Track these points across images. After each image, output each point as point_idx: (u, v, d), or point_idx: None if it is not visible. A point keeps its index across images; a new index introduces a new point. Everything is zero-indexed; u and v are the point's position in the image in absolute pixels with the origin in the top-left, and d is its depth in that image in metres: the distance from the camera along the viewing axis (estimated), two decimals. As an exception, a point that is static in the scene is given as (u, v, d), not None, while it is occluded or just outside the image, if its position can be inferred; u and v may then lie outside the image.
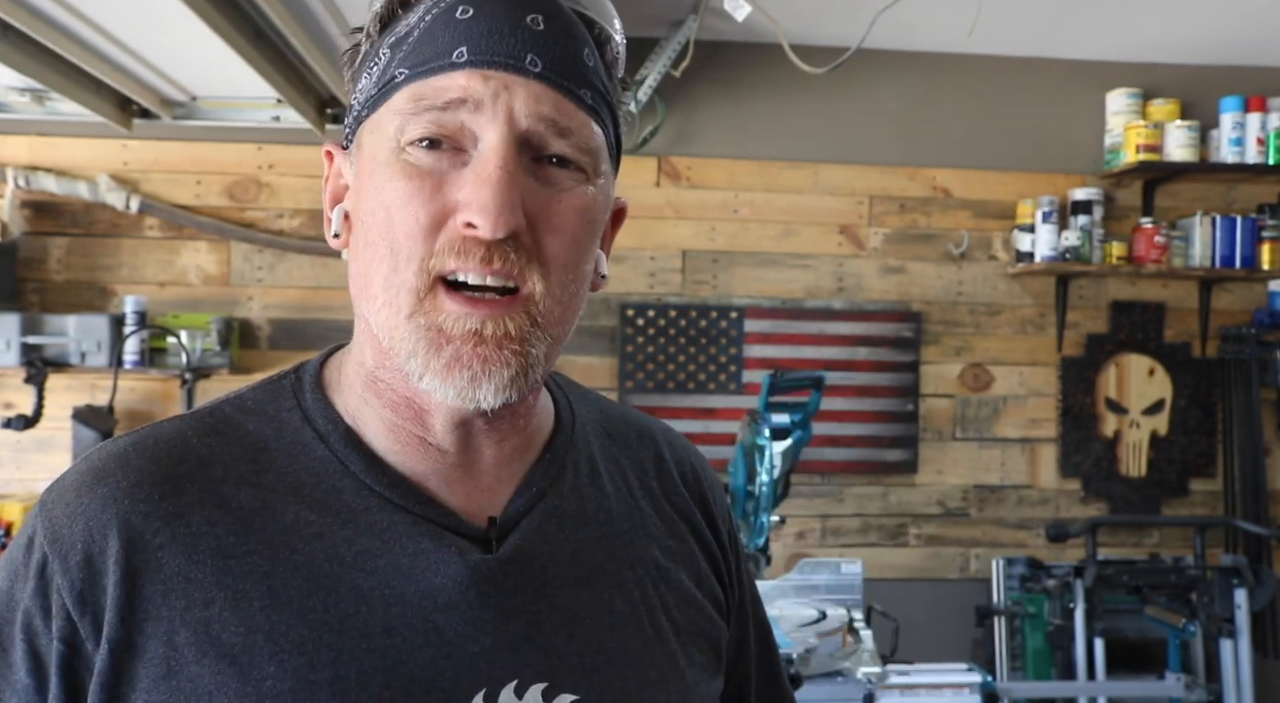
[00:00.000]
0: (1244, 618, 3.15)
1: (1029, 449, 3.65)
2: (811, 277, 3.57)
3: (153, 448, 0.66)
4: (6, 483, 3.28)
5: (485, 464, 0.69)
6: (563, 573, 0.68)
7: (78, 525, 0.63)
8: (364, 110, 0.66)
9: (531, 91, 0.62)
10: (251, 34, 2.43)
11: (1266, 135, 3.46)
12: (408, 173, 0.62)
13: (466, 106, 0.61)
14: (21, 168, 3.26)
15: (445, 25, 0.63)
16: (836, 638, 2.31)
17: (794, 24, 3.14)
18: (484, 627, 0.64)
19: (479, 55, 0.61)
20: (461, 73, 0.61)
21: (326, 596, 0.62)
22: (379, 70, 0.65)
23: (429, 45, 0.63)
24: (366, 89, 0.66)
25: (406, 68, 0.63)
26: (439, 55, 0.62)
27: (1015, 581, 3.52)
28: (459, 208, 0.61)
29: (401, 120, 0.62)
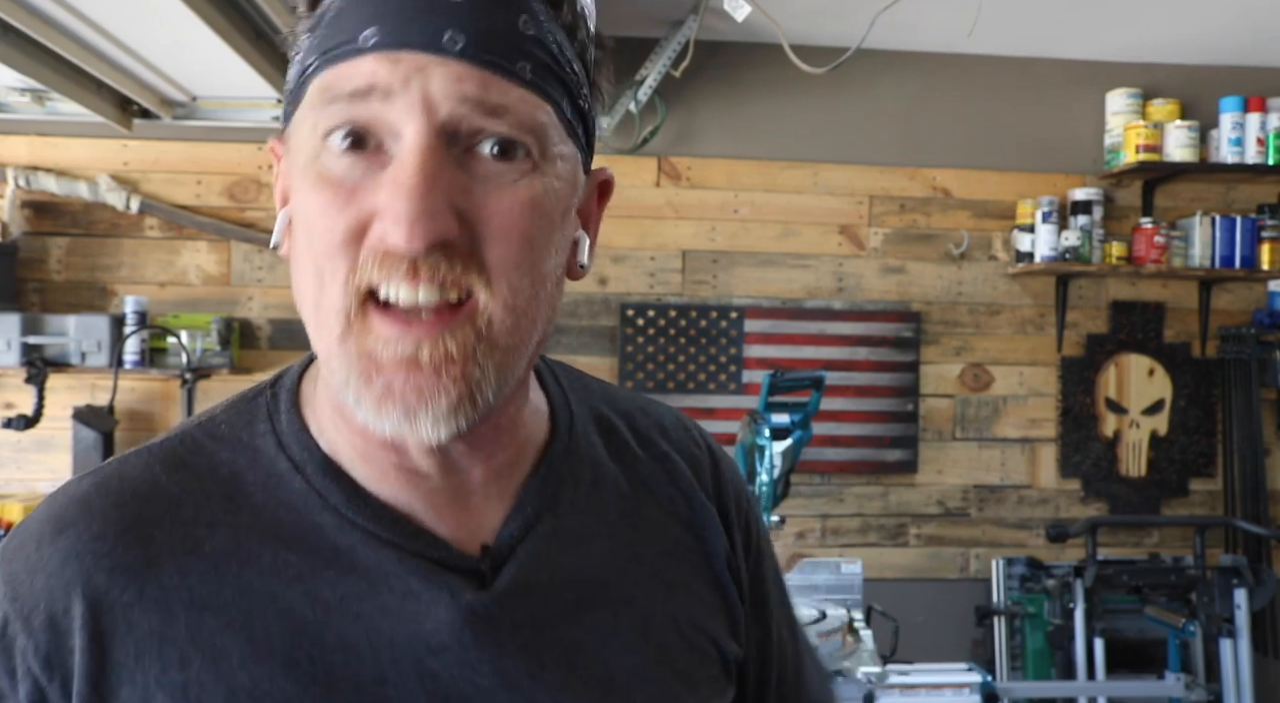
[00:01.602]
0: (1244, 618, 3.15)
1: (1029, 449, 3.65)
2: (811, 277, 3.57)
3: (117, 490, 0.60)
4: (7, 483, 3.28)
5: (473, 485, 0.63)
6: (564, 599, 0.63)
7: (39, 583, 0.57)
8: (289, 105, 0.59)
9: (450, 72, 0.53)
10: (251, 34, 2.43)
11: (1266, 135, 3.46)
12: (324, 180, 0.55)
13: (376, 95, 0.53)
14: (22, 168, 3.26)
15: (355, 5, 0.55)
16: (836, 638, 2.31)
17: (794, 24, 3.14)
18: (481, 669, 0.59)
19: (389, 37, 0.53)
20: (369, 57, 0.53)
21: (311, 646, 0.57)
22: (299, 59, 0.58)
23: (339, 28, 0.55)
24: (290, 82, 0.59)
25: (317, 55, 0.56)
26: (347, 39, 0.54)
27: (1015, 580, 3.52)
28: (375, 218, 0.54)
29: (315, 116, 0.56)
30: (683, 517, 0.71)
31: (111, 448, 3.22)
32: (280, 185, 0.62)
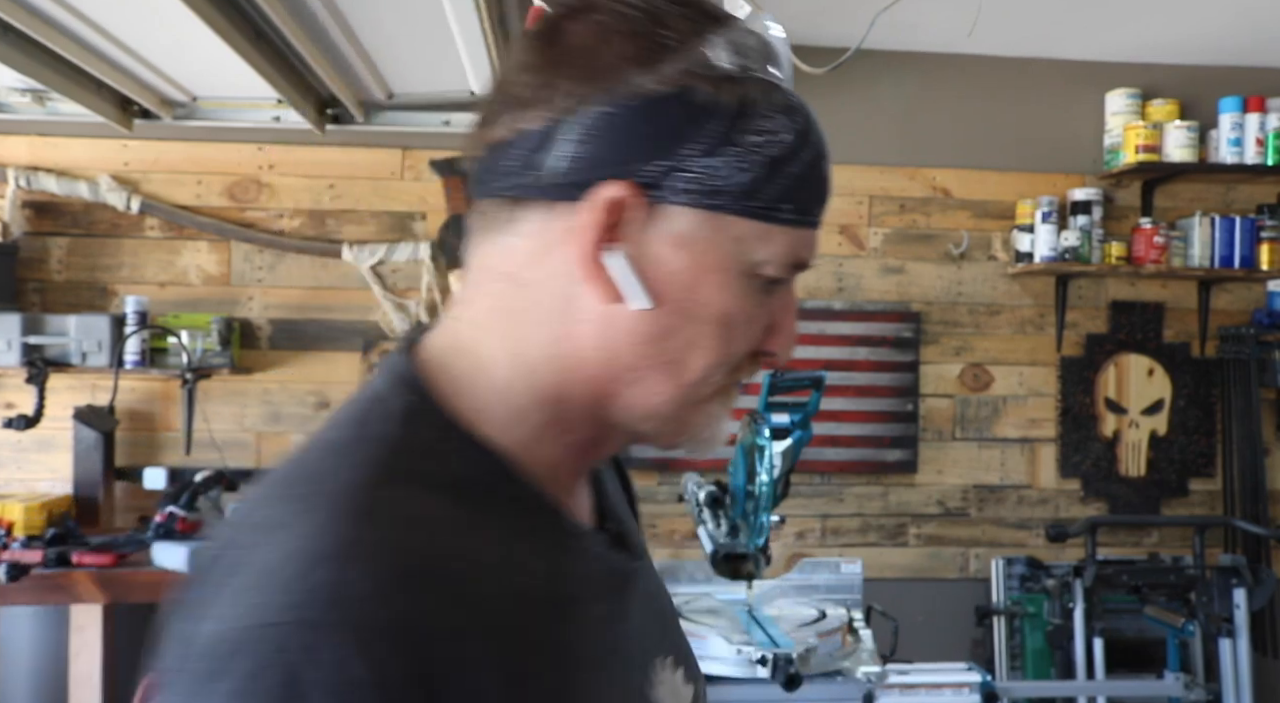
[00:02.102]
0: (1243, 618, 3.15)
1: (1029, 449, 3.65)
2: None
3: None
4: (7, 483, 3.28)
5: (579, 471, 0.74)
6: (643, 558, 0.76)
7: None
8: (725, 203, 0.63)
9: None
10: (251, 34, 2.43)
11: (1265, 136, 3.46)
12: (757, 302, 0.66)
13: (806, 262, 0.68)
14: (22, 168, 3.27)
15: (818, 178, 0.66)
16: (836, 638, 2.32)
17: (794, 24, 3.14)
18: (646, 621, 0.72)
19: (820, 220, 0.68)
20: (814, 234, 0.67)
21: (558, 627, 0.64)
22: (752, 175, 0.63)
23: (808, 194, 0.66)
24: (731, 182, 0.63)
25: (790, 207, 0.65)
26: (811, 210, 0.66)
27: (1015, 580, 3.52)
28: (769, 333, 0.68)
29: (773, 257, 0.65)
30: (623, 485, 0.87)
31: (112, 448, 3.22)
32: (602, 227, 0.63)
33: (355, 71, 2.83)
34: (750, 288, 0.65)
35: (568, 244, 0.63)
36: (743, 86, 0.63)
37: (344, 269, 3.39)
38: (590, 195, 0.61)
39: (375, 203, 3.43)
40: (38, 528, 2.84)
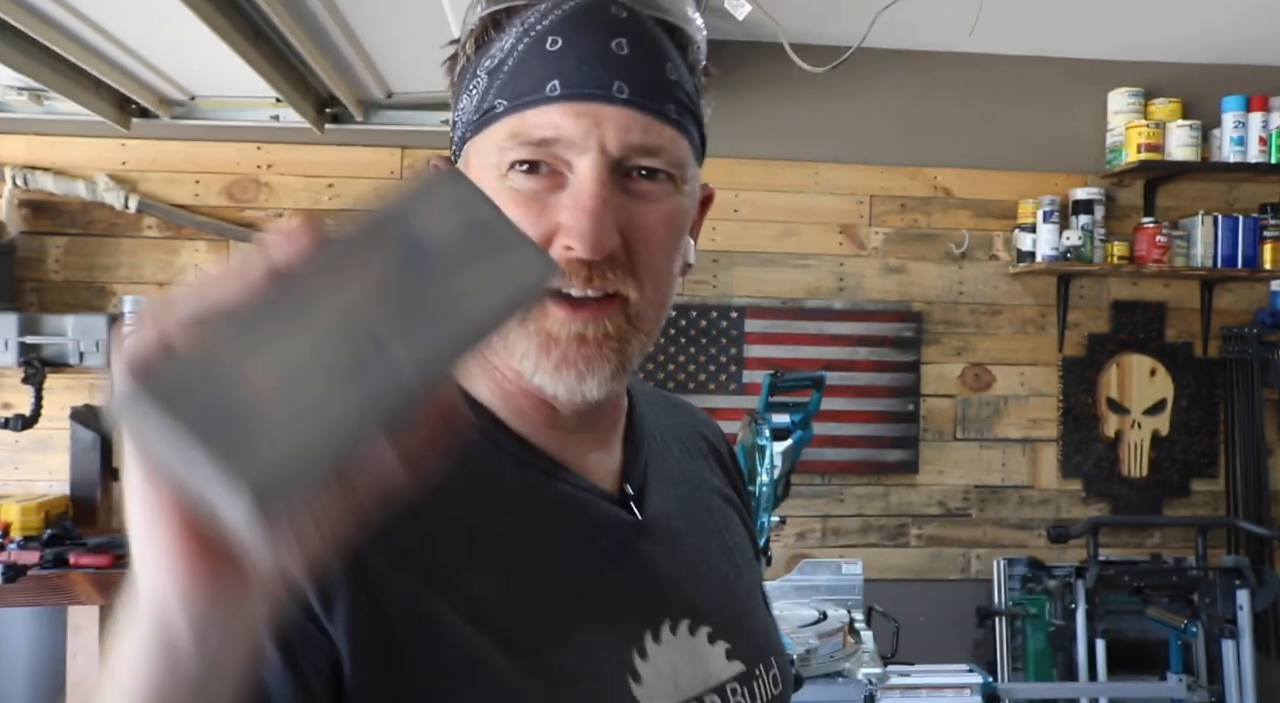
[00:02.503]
0: (1246, 619, 3.14)
1: (1030, 449, 3.64)
2: (812, 276, 3.56)
3: None
4: (4, 483, 3.27)
5: (601, 437, 0.78)
6: (679, 526, 0.80)
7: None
8: (467, 131, 0.72)
9: (620, 121, 0.68)
10: (250, 33, 2.42)
11: (1268, 135, 3.45)
12: (514, 199, 0.68)
13: (560, 143, 0.67)
14: (20, 167, 3.25)
15: (538, 56, 0.68)
16: (837, 639, 2.31)
17: (794, 23, 3.13)
18: (641, 577, 0.75)
19: (570, 88, 0.67)
20: (555, 107, 0.67)
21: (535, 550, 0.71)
22: (478, 95, 0.71)
23: (524, 77, 0.68)
24: (468, 111, 0.72)
25: (505, 99, 0.69)
26: (533, 88, 0.68)
27: (1016, 581, 3.51)
28: (560, 232, 0.67)
29: (501, 151, 0.69)
30: (719, 470, 0.92)
31: (110, 449, 3.21)
32: None
33: (354, 71, 2.82)
34: (504, 186, 0.68)
35: None
36: (478, 31, 0.71)
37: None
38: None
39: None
40: (35, 529, 2.83)
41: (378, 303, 0.44)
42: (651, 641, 0.72)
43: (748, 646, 0.79)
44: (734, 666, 0.77)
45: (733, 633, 0.78)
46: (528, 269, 0.47)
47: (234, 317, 0.42)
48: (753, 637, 0.81)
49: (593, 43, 0.68)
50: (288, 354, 0.42)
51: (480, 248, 0.46)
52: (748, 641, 0.80)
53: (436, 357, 0.44)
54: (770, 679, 0.80)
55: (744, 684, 0.77)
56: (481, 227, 0.47)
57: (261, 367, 0.42)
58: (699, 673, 0.74)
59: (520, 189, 0.68)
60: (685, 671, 0.74)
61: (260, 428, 0.40)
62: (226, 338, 0.42)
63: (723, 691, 0.75)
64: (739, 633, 0.79)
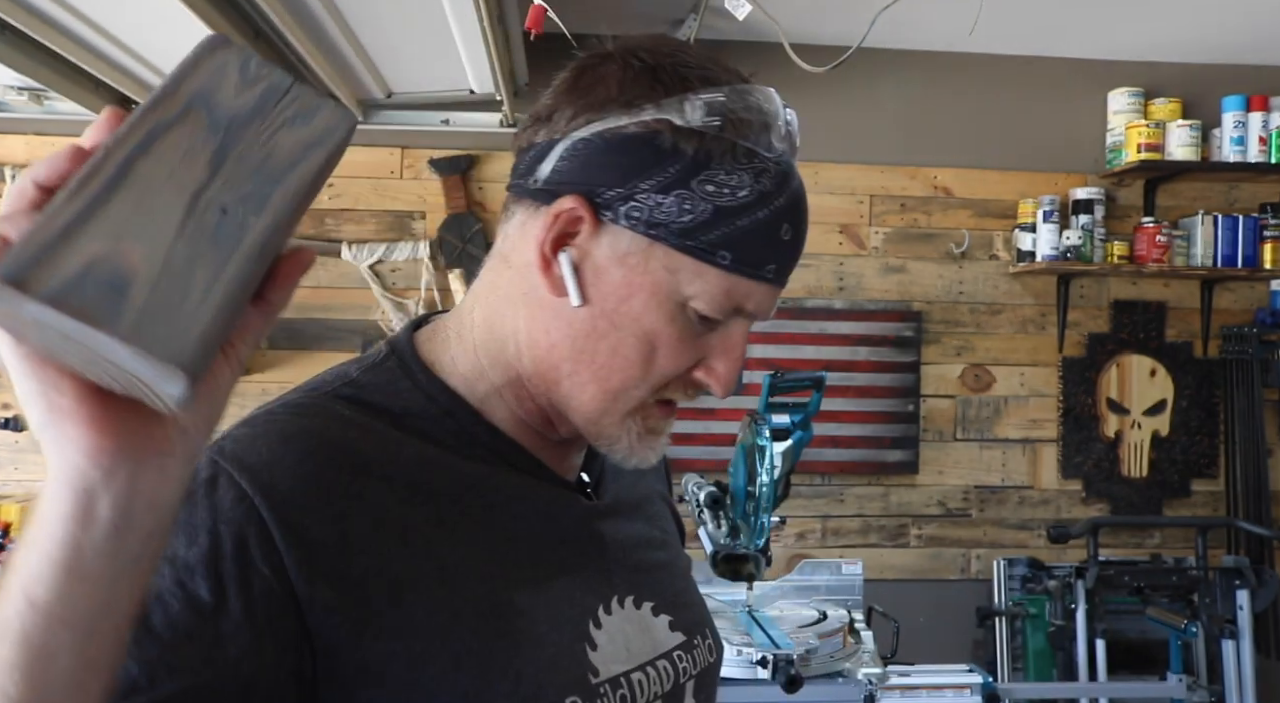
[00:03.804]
0: (1246, 619, 3.14)
1: (1030, 449, 3.64)
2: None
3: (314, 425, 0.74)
4: (4, 483, 3.27)
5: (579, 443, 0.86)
6: (626, 512, 0.89)
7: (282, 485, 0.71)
8: (662, 235, 0.73)
9: (777, 297, 0.79)
10: (250, 33, 2.42)
11: (1268, 135, 3.45)
12: (686, 332, 0.76)
13: (749, 312, 0.78)
14: (19, 167, 3.26)
15: (771, 239, 0.75)
16: (837, 639, 2.31)
17: (794, 23, 3.14)
18: (597, 555, 0.83)
19: (778, 277, 0.77)
20: (764, 288, 0.77)
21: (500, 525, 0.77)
22: (695, 215, 0.73)
23: (754, 248, 0.75)
24: (674, 219, 0.73)
25: (730, 255, 0.74)
26: (759, 263, 0.75)
27: (1016, 581, 3.51)
28: (703, 367, 0.78)
29: (703, 294, 0.74)
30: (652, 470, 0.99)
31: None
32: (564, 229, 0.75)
33: (354, 70, 2.82)
34: (680, 317, 0.75)
35: (537, 239, 0.75)
36: (707, 141, 0.73)
37: (343, 269, 3.38)
38: (556, 202, 0.74)
39: (374, 202, 3.43)
40: (35, 529, 2.83)
41: (210, 174, 0.47)
42: (604, 612, 0.80)
43: (687, 618, 0.89)
44: (676, 636, 0.86)
45: (673, 606, 0.88)
46: (336, 126, 0.52)
47: (77, 200, 0.44)
48: (690, 610, 0.90)
49: (802, 240, 0.79)
50: (146, 231, 0.44)
51: (289, 113, 0.51)
52: (686, 614, 0.89)
53: (278, 211, 0.48)
54: (706, 648, 0.90)
55: (686, 652, 0.86)
56: (283, 93, 0.51)
57: (128, 246, 0.44)
58: (648, 642, 0.83)
59: (694, 330, 0.76)
60: (636, 639, 0.82)
61: (156, 308, 0.43)
62: (79, 221, 0.43)
63: (670, 657, 0.84)
64: (678, 607, 0.88)
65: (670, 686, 0.83)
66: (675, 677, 0.84)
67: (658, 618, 0.85)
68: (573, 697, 0.74)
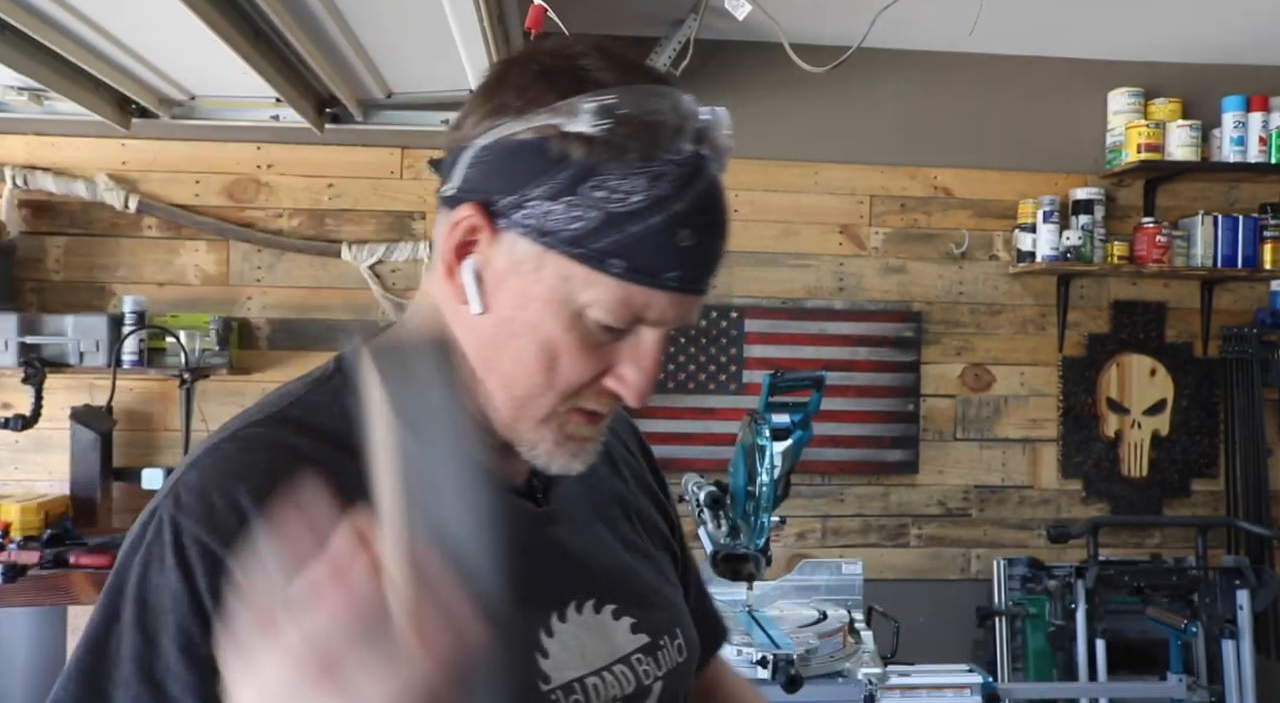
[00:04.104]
0: (1246, 619, 3.14)
1: (1030, 449, 3.64)
2: (812, 276, 3.56)
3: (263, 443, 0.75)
4: (4, 484, 3.27)
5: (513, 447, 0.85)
6: (581, 516, 0.88)
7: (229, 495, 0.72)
8: (553, 243, 0.72)
9: (698, 306, 0.76)
10: (250, 33, 2.42)
11: (1268, 135, 3.45)
12: (586, 341, 0.74)
13: (653, 322, 0.74)
14: (19, 167, 3.25)
15: (669, 245, 0.71)
16: (837, 639, 2.31)
17: (794, 23, 3.14)
18: (549, 562, 0.83)
19: (685, 284, 0.73)
20: (667, 297, 0.73)
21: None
22: (585, 222, 0.71)
23: (650, 255, 0.71)
24: (563, 225, 0.71)
25: (622, 262, 0.71)
26: (656, 270, 0.71)
27: (1016, 581, 3.51)
28: (614, 376, 0.75)
29: (598, 302, 0.72)
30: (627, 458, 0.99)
31: (109, 448, 3.21)
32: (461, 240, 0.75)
33: (354, 71, 2.82)
34: (578, 325, 0.73)
35: (442, 246, 0.76)
36: (596, 146, 0.70)
37: (343, 269, 3.38)
38: (456, 210, 0.74)
39: (374, 202, 3.42)
40: (35, 529, 2.83)
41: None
42: (558, 620, 0.80)
43: (652, 619, 0.87)
44: (639, 638, 0.85)
45: (637, 608, 0.86)
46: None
47: None
48: (657, 611, 0.89)
49: (712, 247, 0.74)
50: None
51: None
52: (652, 614, 0.88)
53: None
54: (675, 648, 0.89)
55: (649, 654, 0.85)
56: None
57: None
58: (605, 647, 0.82)
59: (595, 339, 0.74)
60: (592, 645, 0.81)
61: None
62: None
63: (628, 661, 0.83)
64: (644, 608, 0.87)
65: (633, 688, 0.83)
66: (636, 680, 0.83)
67: (619, 621, 0.85)
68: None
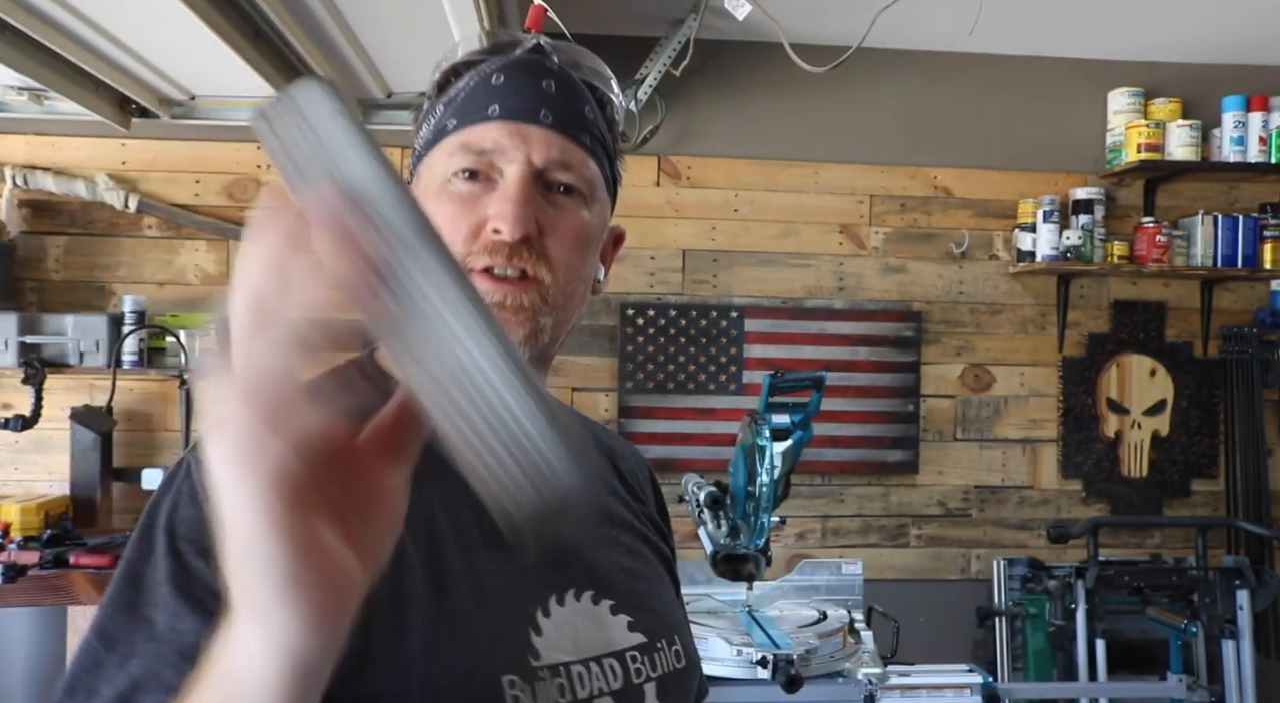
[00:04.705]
0: (1246, 619, 3.14)
1: (1030, 449, 3.64)
2: (812, 276, 3.56)
3: None
4: (4, 484, 3.27)
5: None
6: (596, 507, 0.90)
7: None
8: (424, 151, 0.88)
9: (544, 139, 0.83)
10: (250, 33, 2.42)
11: (1268, 134, 3.45)
12: (453, 198, 0.83)
13: (495, 152, 0.83)
14: (20, 167, 3.25)
15: (484, 88, 0.85)
16: (837, 639, 2.31)
17: (794, 23, 3.14)
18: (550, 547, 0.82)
19: (507, 112, 0.83)
20: (494, 125, 0.83)
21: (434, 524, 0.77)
22: (435, 122, 0.87)
23: (471, 103, 0.85)
24: (425, 137, 0.88)
25: (455, 119, 0.85)
26: (478, 111, 0.84)
27: (1016, 581, 3.51)
28: (489, 220, 0.82)
29: (448, 159, 0.84)
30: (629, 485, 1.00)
31: (109, 448, 3.21)
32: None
33: (354, 70, 2.82)
34: (446, 190, 0.83)
35: None
36: (443, 75, 0.87)
37: (343, 269, 3.38)
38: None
39: (374, 202, 3.42)
40: (35, 529, 2.83)
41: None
42: (555, 603, 0.81)
43: (651, 621, 0.87)
44: (635, 636, 0.85)
45: (635, 609, 0.86)
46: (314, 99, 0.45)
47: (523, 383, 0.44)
48: (656, 614, 0.89)
49: (527, 81, 0.85)
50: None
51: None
52: (651, 617, 0.87)
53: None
54: (673, 654, 0.88)
55: (644, 654, 0.85)
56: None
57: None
58: (600, 638, 0.83)
59: (459, 192, 0.83)
60: (586, 633, 0.82)
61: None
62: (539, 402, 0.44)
63: (622, 656, 0.83)
64: (642, 609, 0.87)
65: (620, 684, 0.83)
66: (626, 677, 0.84)
67: (615, 617, 0.85)
68: (511, 676, 0.75)
